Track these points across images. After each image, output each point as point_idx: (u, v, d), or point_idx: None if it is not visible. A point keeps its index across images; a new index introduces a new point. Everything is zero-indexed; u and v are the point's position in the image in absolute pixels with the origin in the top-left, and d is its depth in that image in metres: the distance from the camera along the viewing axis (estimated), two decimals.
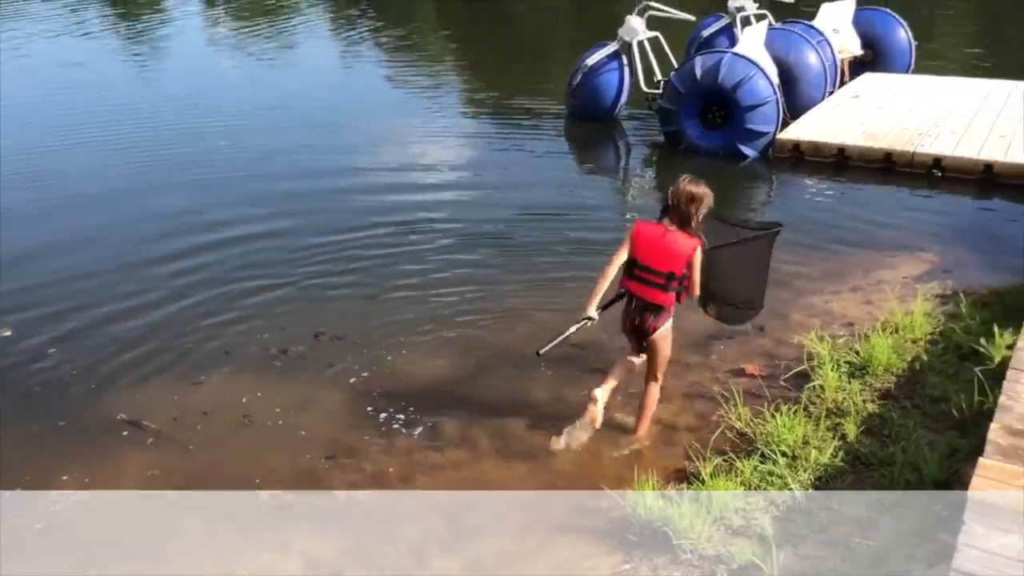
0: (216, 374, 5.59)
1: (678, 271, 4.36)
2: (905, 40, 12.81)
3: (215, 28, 21.79)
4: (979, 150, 8.82)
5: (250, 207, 8.61)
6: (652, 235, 4.40)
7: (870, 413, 4.68)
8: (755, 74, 9.54)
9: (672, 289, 4.40)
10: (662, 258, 4.36)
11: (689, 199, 4.31)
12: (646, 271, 4.41)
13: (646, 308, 4.50)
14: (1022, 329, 4.62)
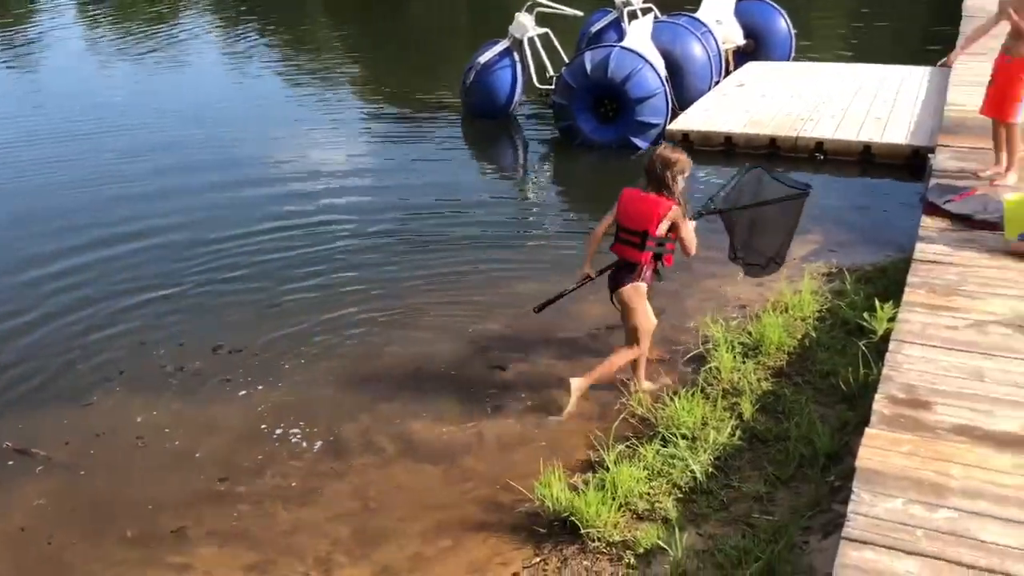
0: (108, 394, 5.38)
1: (651, 230, 4.60)
2: (785, 29, 13.25)
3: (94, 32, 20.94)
4: (857, 132, 9.20)
5: (135, 215, 8.35)
6: (631, 198, 4.70)
7: (764, 391, 4.82)
8: (643, 67, 9.72)
9: (647, 248, 4.64)
10: (636, 218, 4.64)
11: (664, 164, 4.60)
12: (624, 231, 4.70)
13: (623, 266, 4.77)
14: (902, 302, 4.82)
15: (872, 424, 3.58)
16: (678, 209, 4.63)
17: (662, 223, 4.62)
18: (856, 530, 2.89)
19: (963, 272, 5.19)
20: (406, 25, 21.52)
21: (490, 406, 5.08)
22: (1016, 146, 6.69)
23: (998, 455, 3.31)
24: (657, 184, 4.63)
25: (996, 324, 4.48)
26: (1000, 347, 4.24)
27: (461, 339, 5.85)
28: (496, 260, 7.21)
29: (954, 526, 2.91)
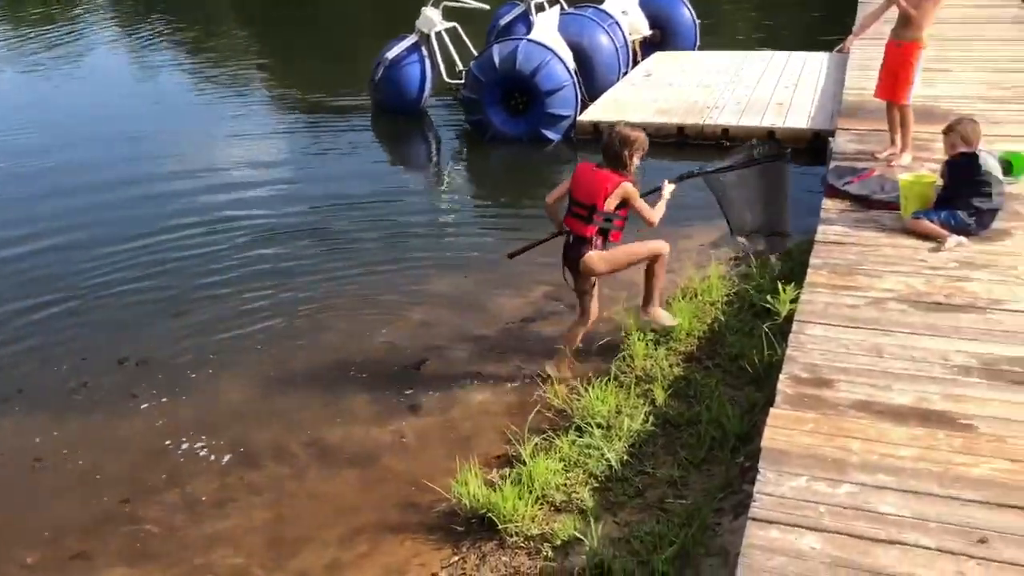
0: (6, 415, 5.15)
1: (599, 205, 4.64)
2: (689, 19, 13.47)
3: None
4: (761, 118, 9.40)
5: (27, 218, 8.04)
6: (583, 172, 4.78)
7: (676, 377, 4.89)
8: (551, 59, 9.75)
9: (594, 222, 4.69)
10: (586, 192, 4.70)
11: (623, 142, 4.66)
12: (575, 205, 4.76)
13: (574, 240, 4.82)
14: (804, 283, 4.93)
15: (777, 404, 3.65)
16: (629, 186, 4.68)
17: (610, 198, 4.66)
18: (762, 510, 2.94)
19: (863, 251, 5.34)
20: (314, 22, 21.16)
21: (405, 405, 5.03)
22: (910, 127, 6.92)
23: (895, 428, 3.42)
24: (613, 161, 4.69)
25: (894, 301, 4.62)
26: (898, 323, 4.37)
27: (374, 338, 5.78)
28: (410, 256, 7.16)
29: (855, 500, 2.99)
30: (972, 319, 4.38)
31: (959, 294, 4.69)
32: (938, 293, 4.71)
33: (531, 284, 6.47)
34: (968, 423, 3.44)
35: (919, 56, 6.62)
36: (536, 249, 5.44)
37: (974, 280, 4.87)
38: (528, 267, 6.81)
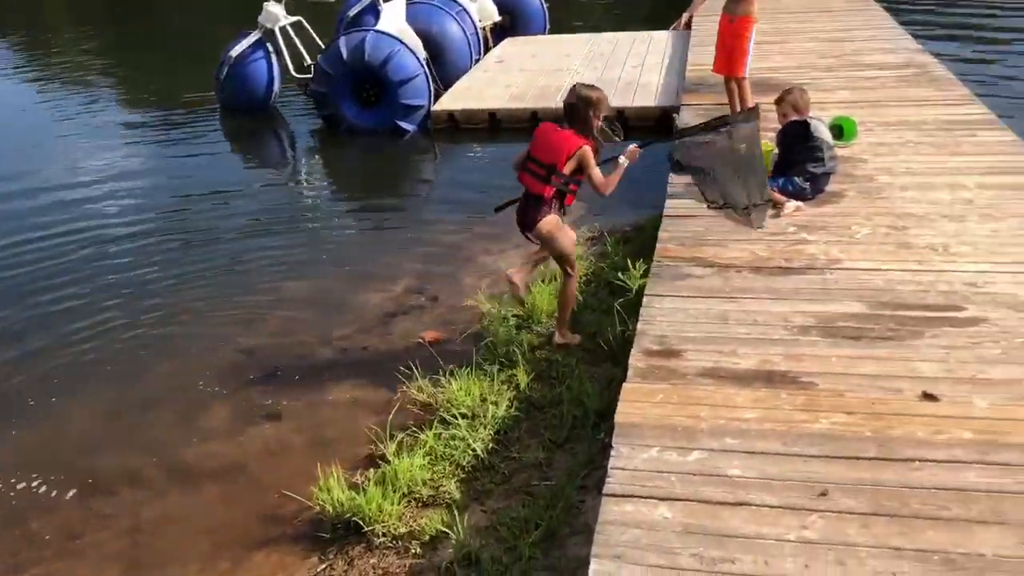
0: None
1: (559, 165, 4.53)
2: (538, 4, 13.59)
3: None
4: (611, 98, 9.52)
5: None
6: (545, 131, 4.70)
7: (539, 359, 4.91)
8: (400, 49, 9.62)
9: (552, 183, 4.57)
10: (546, 151, 4.60)
11: (587, 103, 4.58)
12: (533, 162, 4.66)
13: (528, 198, 4.72)
14: (654, 257, 5.03)
15: (629, 378, 3.71)
16: (588, 151, 4.57)
17: (570, 160, 4.55)
18: (616, 484, 2.98)
19: (708, 223, 5.48)
20: (158, 22, 20.24)
21: (265, 413, 4.87)
22: (748, 99, 7.17)
23: (741, 392, 3.52)
24: (578, 124, 4.60)
25: (738, 268, 4.78)
26: (742, 289, 4.52)
27: (229, 345, 5.58)
28: (265, 256, 6.95)
29: (704, 467, 3.07)
30: (810, 280, 4.57)
31: (798, 257, 4.89)
32: (778, 257, 4.89)
33: (393, 278, 6.39)
34: (809, 381, 3.59)
35: (752, 30, 6.90)
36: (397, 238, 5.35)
37: (811, 242, 5.08)
38: (390, 258, 6.74)
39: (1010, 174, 5.86)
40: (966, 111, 7.29)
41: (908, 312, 4.15)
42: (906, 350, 3.80)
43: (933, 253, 4.80)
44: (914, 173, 6.04)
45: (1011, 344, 3.77)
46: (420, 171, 9.45)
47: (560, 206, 4.73)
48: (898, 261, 4.73)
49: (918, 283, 4.47)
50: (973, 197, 5.56)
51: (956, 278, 4.48)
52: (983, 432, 3.15)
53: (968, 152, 6.34)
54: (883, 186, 5.86)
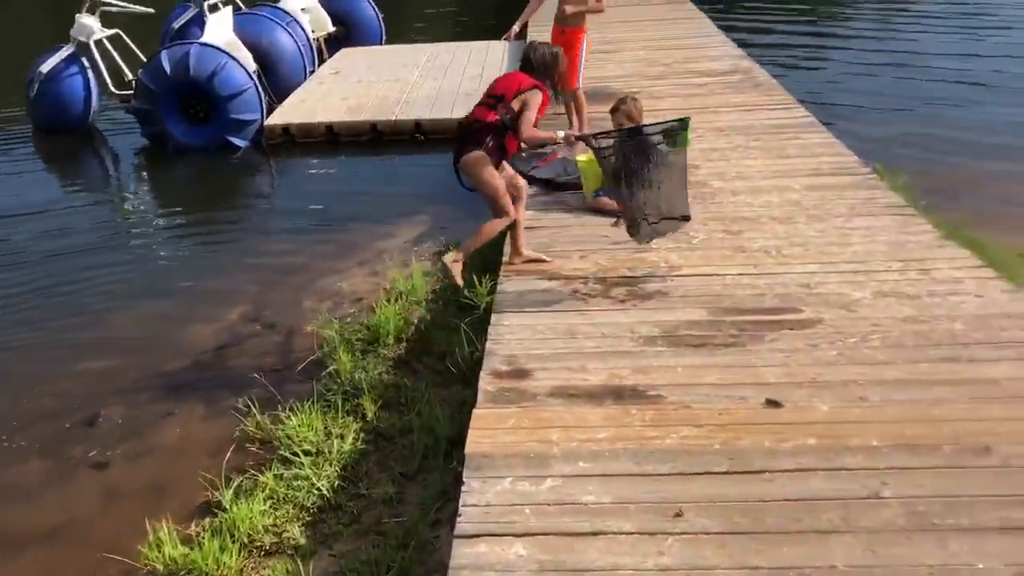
0: None
1: (508, 96, 4.57)
2: (373, 14, 13.34)
3: None
4: (451, 109, 9.45)
5: None
6: (504, 76, 4.83)
7: (387, 385, 4.70)
8: (227, 63, 9.17)
9: (497, 111, 4.56)
10: (499, 85, 4.69)
11: (554, 57, 4.76)
12: (487, 96, 4.70)
13: (468, 130, 4.72)
14: (500, 272, 4.93)
15: (479, 404, 3.57)
16: (539, 94, 4.60)
17: (519, 96, 4.57)
18: (468, 524, 2.82)
19: (553, 234, 5.44)
20: None
21: (88, 464, 4.44)
22: (583, 109, 7.23)
23: (592, 411, 3.46)
24: (541, 73, 4.70)
25: (584, 280, 4.74)
26: (588, 301, 4.48)
27: (45, 385, 5.09)
28: (86, 285, 6.42)
29: (558, 495, 2.96)
30: (653, 289, 4.58)
31: (641, 265, 4.90)
32: (621, 267, 4.89)
33: (227, 304, 6.03)
34: (657, 394, 3.56)
35: (583, 40, 6.98)
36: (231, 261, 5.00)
37: (652, 250, 5.10)
38: (224, 283, 6.36)
39: (832, 175, 6.13)
40: (789, 115, 7.61)
41: (748, 316, 4.21)
42: (748, 356, 3.84)
43: (767, 256, 4.92)
44: (745, 177, 6.21)
45: (845, 345, 3.88)
46: (255, 189, 9.03)
47: (498, 150, 4.68)
48: (735, 265, 4.82)
49: (755, 287, 4.55)
50: (800, 199, 5.76)
51: (790, 280, 4.60)
52: (825, 436, 3.20)
53: (793, 155, 6.59)
54: (716, 191, 6.00)
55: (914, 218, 5.40)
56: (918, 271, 4.63)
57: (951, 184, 7.28)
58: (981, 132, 8.73)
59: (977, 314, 4.11)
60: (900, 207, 5.58)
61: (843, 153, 6.57)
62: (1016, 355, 3.71)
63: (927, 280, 4.52)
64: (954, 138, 8.58)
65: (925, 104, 9.73)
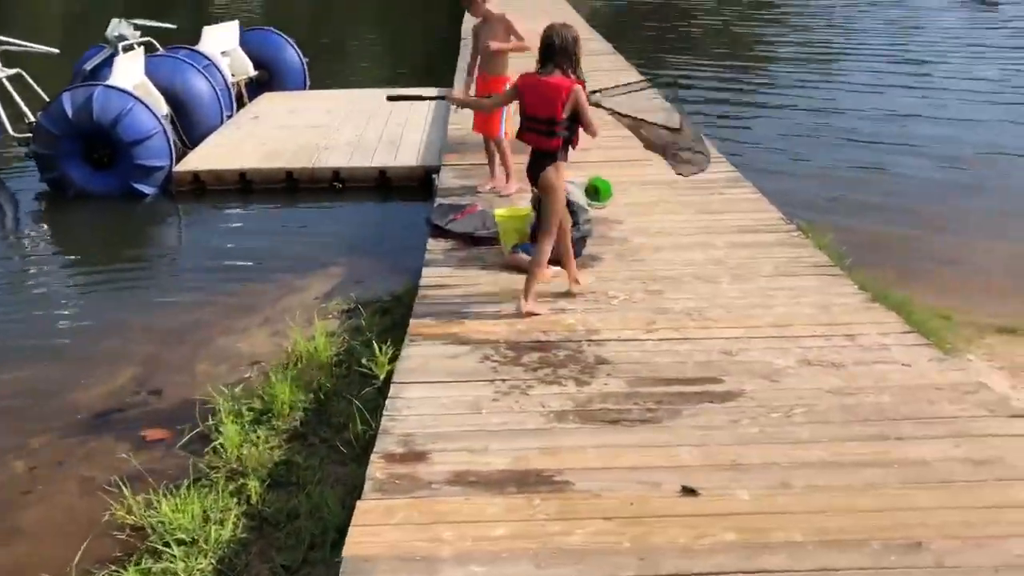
0: None
1: (557, 116, 4.45)
2: (297, 58, 12.98)
3: None
4: (372, 157, 9.13)
5: None
6: (531, 85, 4.59)
7: (277, 462, 4.28)
8: (133, 106, 8.71)
9: (556, 134, 4.52)
10: (540, 105, 4.52)
11: (574, 39, 4.52)
12: (532, 120, 4.60)
13: (536, 155, 4.67)
14: (406, 336, 4.58)
15: (365, 494, 3.20)
16: (581, 91, 4.49)
17: (566, 106, 4.45)
18: None
19: (466, 293, 5.12)
20: None
21: None
22: (508, 158, 6.97)
23: (490, 501, 3.10)
24: (564, 60, 4.48)
25: (495, 344, 4.42)
26: (498, 370, 4.15)
27: None
28: None
29: None
30: (568, 355, 4.28)
31: (556, 328, 4.61)
32: (536, 330, 4.59)
33: (114, 366, 5.56)
34: (564, 480, 3.22)
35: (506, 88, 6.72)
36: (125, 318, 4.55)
37: (570, 310, 4.83)
38: (114, 343, 5.88)
39: (756, 232, 5.95)
40: (715, 169, 7.44)
41: (667, 388, 3.93)
42: (665, 434, 3.54)
43: (689, 319, 4.68)
44: (668, 233, 6.00)
45: (768, 420, 3.62)
46: (159, 239, 8.53)
47: (565, 150, 4.69)
48: (656, 329, 4.56)
49: (676, 353, 4.29)
50: (724, 257, 5.56)
51: (712, 346, 4.35)
52: (746, 530, 2.90)
53: (718, 211, 6.42)
54: (638, 247, 5.77)
55: (839, 278, 5.23)
56: (844, 336, 4.42)
57: (877, 241, 7.21)
58: (907, 189, 8.75)
59: (905, 385, 3.90)
60: (825, 266, 5.42)
61: (768, 209, 6.43)
62: (945, 432, 3.49)
63: (853, 347, 4.31)
64: (880, 194, 8.58)
65: (851, 160, 9.72)
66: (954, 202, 8.25)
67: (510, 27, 6.68)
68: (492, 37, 6.66)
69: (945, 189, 8.64)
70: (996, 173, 9.11)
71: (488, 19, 6.76)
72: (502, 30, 6.66)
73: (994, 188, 8.60)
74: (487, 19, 6.76)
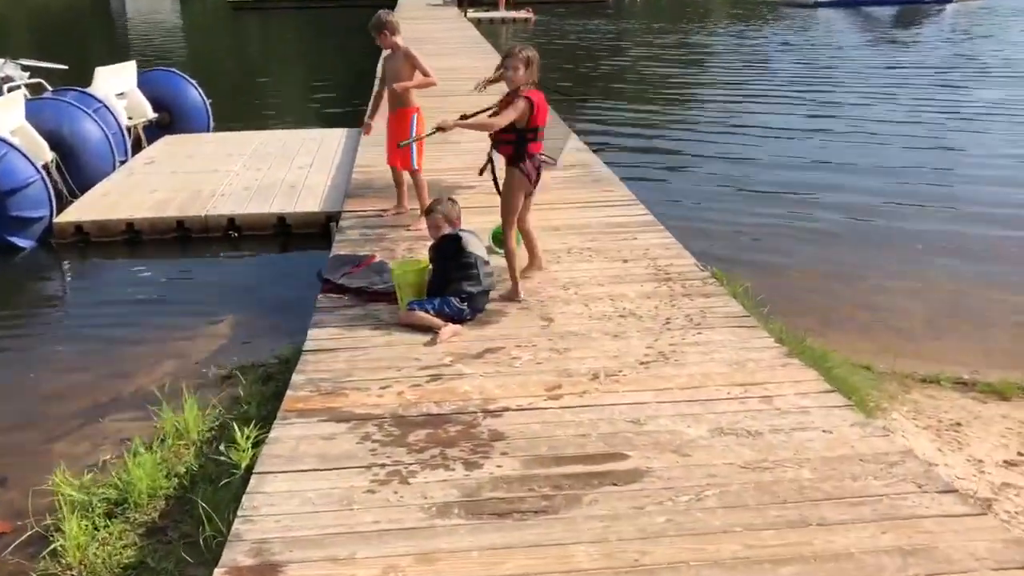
0: None
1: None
2: (199, 99, 12.39)
3: None
4: (271, 203, 8.59)
5: None
6: (541, 100, 5.21)
7: (126, 566, 3.72)
8: (7, 153, 8.05)
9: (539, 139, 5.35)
10: (543, 116, 5.27)
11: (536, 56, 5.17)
12: (533, 131, 5.23)
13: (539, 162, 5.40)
14: (278, 413, 4.06)
15: None
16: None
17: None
18: None
19: (353, 357, 4.65)
20: None
21: None
22: (423, 190, 6.94)
23: None
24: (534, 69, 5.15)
25: (377, 421, 3.95)
26: (377, 452, 3.67)
27: None
28: None
29: None
30: (460, 431, 3.83)
31: (450, 398, 4.16)
32: (428, 400, 4.14)
33: None
34: None
35: (414, 118, 6.86)
36: None
37: (467, 375, 4.40)
38: None
39: (669, 280, 5.62)
40: (629, 213, 7.14)
41: (566, 468, 3.51)
42: (561, 528, 3.10)
43: (594, 383, 4.28)
44: (578, 283, 5.63)
45: (676, 506, 3.21)
46: (31, 299, 7.70)
47: None
48: (558, 395, 4.15)
49: (578, 424, 3.87)
50: (635, 308, 5.21)
51: (619, 414, 3.95)
52: None
53: (630, 258, 6.07)
54: (548, 300, 5.38)
55: (755, 330, 4.91)
56: (760, 398, 4.07)
57: (792, 284, 6.97)
58: (824, 228, 8.58)
59: (826, 456, 3.55)
60: (740, 317, 5.10)
61: (683, 256, 6.10)
62: (872, 515, 3.13)
63: (770, 410, 3.96)
64: (797, 234, 8.39)
65: (767, 200, 9.53)
66: (869, 247, 8.08)
67: (416, 62, 6.74)
68: (397, 70, 6.71)
69: (861, 235, 8.45)
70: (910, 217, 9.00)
71: (395, 53, 6.77)
72: (408, 65, 6.70)
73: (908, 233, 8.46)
74: (394, 53, 6.79)
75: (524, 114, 5.08)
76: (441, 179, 8.10)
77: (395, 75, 6.74)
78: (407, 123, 6.79)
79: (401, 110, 6.80)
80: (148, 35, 28.47)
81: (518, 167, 5.25)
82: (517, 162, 5.24)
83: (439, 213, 5.27)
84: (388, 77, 6.82)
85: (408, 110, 6.80)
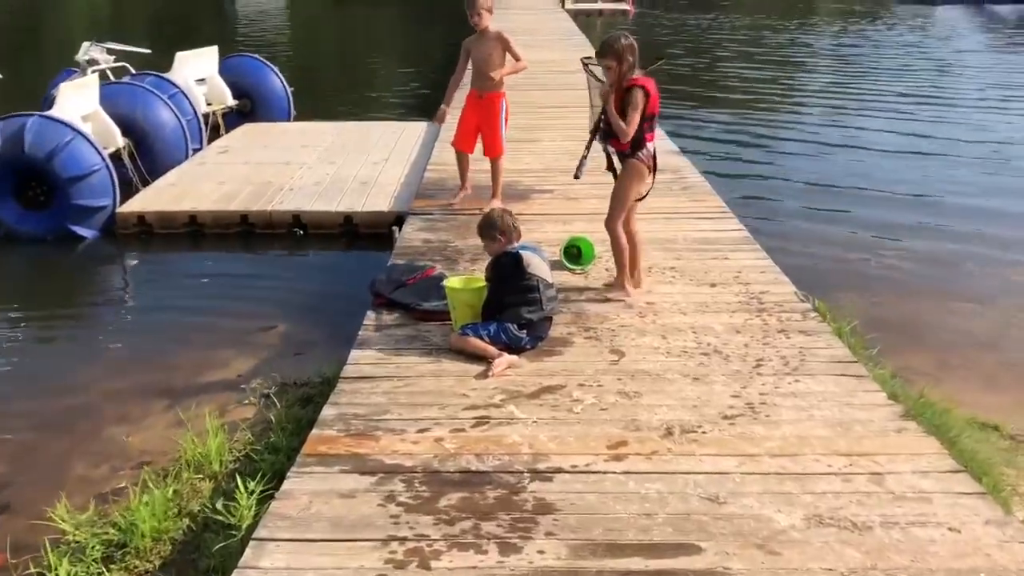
0: None
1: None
2: (280, 87, 12.10)
3: None
4: (339, 201, 8.13)
5: None
6: (654, 87, 4.92)
7: None
8: (73, 139, 7.80)
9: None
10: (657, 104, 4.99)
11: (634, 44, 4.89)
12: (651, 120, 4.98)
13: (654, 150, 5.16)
14: (296, 459, 3.53)
15: None
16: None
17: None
18: None
19: (394, 390, 4.10)
20: None
21: None
22: (500, 177, 6.80)
23: None
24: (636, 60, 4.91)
25: (408, 475, 3.38)
26: (400, 522, 3.10)
27: None
28: None
29: None
30: (500, 495, 3.24)
31: (495, 449, 3.57)
32: (469, 452, 3.55)
33: None
34: None
35: (503, 104, 6.65)
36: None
37: (518, 421, 3.80)
38: None
39: (763, 312, 4.90)
40: (720, 227, 6.42)
41: (623, 561, 2.86)
42: None
43: (667, 440, 3.62)
44: (656, 310, 4.96)
45: None
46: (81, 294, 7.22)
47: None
48: (621, 457, 3.50)
49: (643, 497, 3.22)
50: (721, 346, 4.51)
51: (694, 486, 3.28)
52: None
53: (719, 281, 5.37)
54: (619, 329, 4.74)
55: (863, 381, 4.17)
56: (869, 475, 3.35)
57: (905, 318, 6.09)
58: (944, 256, 7.55)
59: (954, 568, 2.80)
60: (846, 363, 4.36)
61: (780, 282, 5.37)
62: None
63: (881, 493, 3.23)
64: (912, 260, 7.41)
65: (877, 219, 8.44)
66: (996, 278, 7.06)
67: (508, 45, 6.45)
68: (487, 53, 6.45)
69: (984, 263, 7.38)
70: None
71: (485, 35, 6.48)
72: (500, 48, 6.46)
73: None
74: (484, 35, 6.48)
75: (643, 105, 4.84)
76: (518, 181, 7.51)
77: (484, 58, 6.45)
78: (496, 108, 6.60)
79: (490, 95, 6.58)
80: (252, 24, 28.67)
81: (636, 157, 4.97)
82: (635, 151, 4.95)
83: (496, 227, 4.66)
84: (475, 60, 6.52)
85: (498, 95, 6.60)
